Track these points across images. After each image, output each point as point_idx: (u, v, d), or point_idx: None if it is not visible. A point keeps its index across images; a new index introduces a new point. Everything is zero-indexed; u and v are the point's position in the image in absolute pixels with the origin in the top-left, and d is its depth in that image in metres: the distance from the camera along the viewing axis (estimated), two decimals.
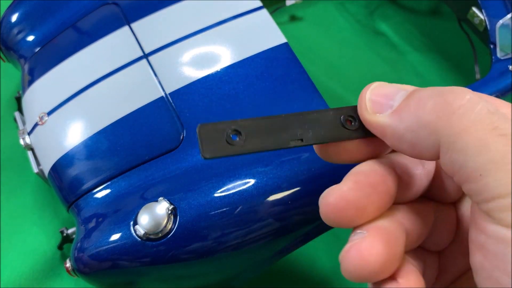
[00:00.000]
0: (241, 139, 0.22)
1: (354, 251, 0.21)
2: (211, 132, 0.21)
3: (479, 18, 0.68)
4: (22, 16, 0.71)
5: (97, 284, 0.54)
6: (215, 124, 0.22)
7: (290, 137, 0.23)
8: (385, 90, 0.24)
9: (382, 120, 0.23)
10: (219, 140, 0.21)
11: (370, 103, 0.24)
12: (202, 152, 0.21)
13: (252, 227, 0.50)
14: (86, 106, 0.60)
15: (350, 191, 0.22)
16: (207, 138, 0.21)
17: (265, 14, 0.64)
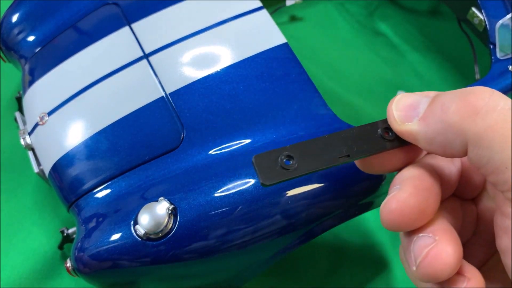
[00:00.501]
0: (294, 162, 0.24)
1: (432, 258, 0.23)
2: (266, 160, 0.23)
3: (479, 18, 0.68)
4: (22, 16, 0.71)
5: (97, 284, 0.54)
6: (269, 153, 0.24)
7: (337, 154, 0.25)
8: (408, 101, 0.25)
9: (412, 128, 0.25)
10: (274, 167, 0.23)
11: (398, 115, 0.25)
12: (261, 180, 0.23)
13: (252, 227, 0.50)
14: (86, 106, 0.60)
15: (411, 197, 0.24)
16: (263, 167, 0.23)
17: (265, 14, 0.65)
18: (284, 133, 0.56)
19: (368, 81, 0.87)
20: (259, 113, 0.58)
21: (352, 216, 0.55)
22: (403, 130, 0.25)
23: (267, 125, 0.57)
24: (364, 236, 0.72)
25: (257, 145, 0.55)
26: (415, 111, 0.25)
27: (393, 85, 0.86)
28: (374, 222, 0.73)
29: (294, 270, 0.69)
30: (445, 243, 0.23)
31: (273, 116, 0.58)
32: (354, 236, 0.72)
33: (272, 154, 0.23)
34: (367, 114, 0.83)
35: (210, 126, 0.57)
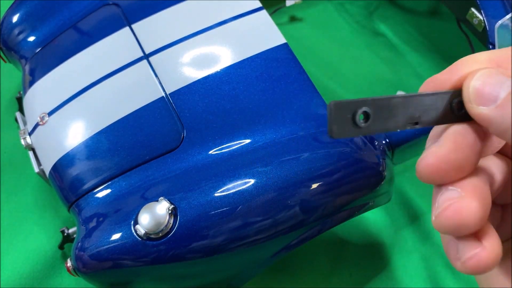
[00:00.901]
0: (367, 120, 0.22)
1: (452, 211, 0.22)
2: (342, 111, 0.22)
3: (478, 19, 0.68)
4: (23, 16, 0.71)
5: (97, 283, 0.54)
6: (347, 104, 0.22)
7: (407, 120, 0.24)
8: (488, 81, 0.23)
9: (486, 113, 0.23)
10: (347, 121, 0.22)
11: (474, 95, 0.23)
12: (330, 133, 0.22)
13: (252, 227, 0.51)
14: (86, 106, 0.60)
15: (450, 153, 0.23)
16: (337, 117, 0.22)
17: (265, 15, 0.65)
18: (284, 133, 0.56)
19: (368, 81, 0.87)
20: (259, 113, 0.58)
21: (352, 216, 0.56)
22: (477, 113, 0.23)
23: (267, 125, 0.57)
24: (364, 236, 0.72)
25: (257, 145, 0.55)
26: (492, 95, 0.22)
27: (393, 85, 0.86)
28: (374, 222, 0.73)
29: (294, 270, 0.70)
30: (470, 200, 0.22)
31: (273, 116, 0.58)
32: (354, 236, 0.72)
33: (350, 105, 0.22)
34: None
35: (210, 126, 0.57)
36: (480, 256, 0.22)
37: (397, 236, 0.73)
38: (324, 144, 0.55)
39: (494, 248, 0.23)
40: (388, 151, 0.59)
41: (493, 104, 0.22)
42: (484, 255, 0.22)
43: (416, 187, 0.76)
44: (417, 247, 0.72)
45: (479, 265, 0.22)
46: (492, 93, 0.22)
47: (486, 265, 0.22)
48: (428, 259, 0.71)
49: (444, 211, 0.22)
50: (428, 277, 0.69)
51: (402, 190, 0.76)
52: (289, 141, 0.55)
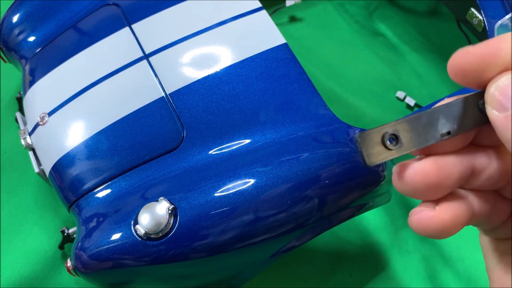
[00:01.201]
0: (397, 141, 0.23)
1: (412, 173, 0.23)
2: (370, 139, 0.22)
3: (478, 19, 0.68)
4: (23, 16, 0.71)
5: (98, 283, 0.54)
6: (373, 131, 0.22)
7: (439, 131, 0.24)
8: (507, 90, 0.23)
9: (496, 118, 0.23)
10: (378, 146, 0.22)
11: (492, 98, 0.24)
12: (366, 161, 0.22)
13: (252, 227, 0.51)
14: (87, 106, 0.61)
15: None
16: (367, 146, 0.22)
17: (265, 15, 0.65)
18: (284, 133, 0.56)
19: (367, 81, 0.87)
20: (258, 113, 0.58)
21: (352, 216, 0.56)
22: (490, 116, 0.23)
23: (267, 125, 0.57)
24: (364, 236, 0.72)
25: (257, 145, 0.56)
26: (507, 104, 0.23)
27: (392, 85, 0.87)
28: (374, 222, 0.73)
29: (294, 270, 0.70)
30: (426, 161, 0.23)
31: (273, 116, 0.58)
32: (354, 236, 0.72)
33: (376, 133, 0.22)
34: (367, 114, 0.83)
35: (210, 126, 0.57)
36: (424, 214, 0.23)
37: (397, 236, 0.73)
38: (324, 144, 0.55)
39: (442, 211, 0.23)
40: None
41: (505, 112, 0.23)
42: (428, 214, 0.23)
43: None
44: (417, 247, 0.72)
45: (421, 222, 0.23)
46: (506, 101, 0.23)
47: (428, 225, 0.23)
48: (428, 259, 0.71)
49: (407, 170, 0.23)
50: (428, 277, 0.69)
51: None
52: (289, 141, 0.55)
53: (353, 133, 0.57)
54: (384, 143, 0.22)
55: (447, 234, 0.24)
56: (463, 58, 0.24)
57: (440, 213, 0.23)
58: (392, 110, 0.83)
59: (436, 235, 0.24)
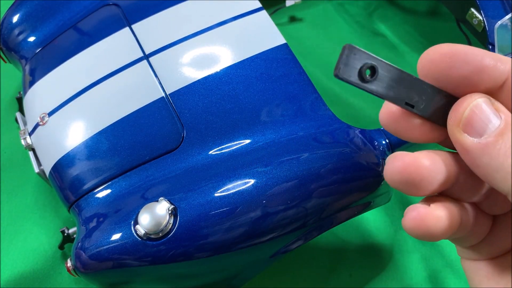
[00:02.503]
0: (372, 77, 0.23)
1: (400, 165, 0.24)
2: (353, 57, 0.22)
3: (478, 19, 0.68)
4: (23, 16, 0.71)
5: (98, 283, 0.54)
6: (361, 53, 0.22)
7: (407, 99, 0.24)
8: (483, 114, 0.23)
9: (468, 144, 0.23)
10: (355, 68, 0.22)
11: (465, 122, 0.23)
12: (336, 71, 0.22)
13: (252, 227, 0.51)
14: (87, 106, 0.61)
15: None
16: (347, 60, 0.22)
17: (265, 15, 0.65)
18: (283, 133, 0.56)
19: None
20: (258, 113, 0.58)
21: (352, 216, 0.56)
22: (459, 139, 0.23)
23: (267, 125, 0.57)
24: (364, 236, 0.72)
25: (257, 145, 0.56)
26: (481, 129, 0.22)
27: None
28: (374, 222, 0.73)
29: (294, 270, 0.70)
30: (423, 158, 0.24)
31: (273, 117, 0.58)
32: (354, 236, 0.72)
33: (362, 56, 0.22)
34: (367, 114, 0.83)
35: (210, 127, 0.57)
36: (419, 211, 0.23)
37: (397, 236, 0.73)
38: (324, 145, 0.55)
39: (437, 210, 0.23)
40: (388, 151, 0.59)
41: (477, 138, 0.22)
42: (423, 211, 0.23)
43: None
44: (417, 247, 0.72)
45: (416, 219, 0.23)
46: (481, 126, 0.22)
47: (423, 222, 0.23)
48: (428, 259, 0.71)
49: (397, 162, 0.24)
50: (428, 277, 0.69)
51: None
52: (289, 141, 0.55)
53: (353, 133, 0.57)
54: (361, 70, 0.22)
55: (440, 233, 0.23)
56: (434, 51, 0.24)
57: (435, 210, 0.23)
58: None
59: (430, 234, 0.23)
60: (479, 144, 0.22)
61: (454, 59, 0.23)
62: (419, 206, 0.24)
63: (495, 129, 0.22)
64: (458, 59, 0.23)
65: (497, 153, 0.21)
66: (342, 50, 0.22)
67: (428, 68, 0.24)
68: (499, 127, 0.22)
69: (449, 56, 0.23)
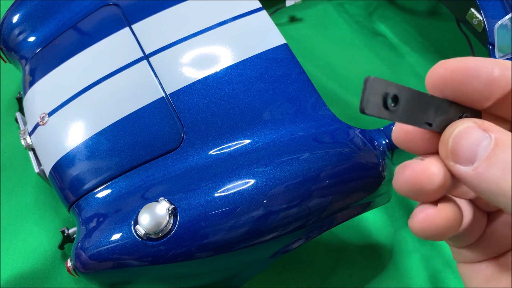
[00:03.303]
0: (396, 106, 0.23)
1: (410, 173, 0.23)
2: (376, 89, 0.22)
3: (478, 19, 0.68)
4: (23, 17, 0.71)
5: (98, 283, 0.54)
6: (382, 83, 0.22)
7: (425, 118, 0.24)
8: (468, 141, 0.22)
9: (463, 173, 0.22)
10: (378, 100, 0.22)
11: (452, 154, 0.23)
12: (362, 105, 0.22)
13: (252, 227, 0.51)
14: (87, 106, 0.61)
15: None
16: (369, 94, 0.22)
17: (265, 15, 0.65)
18: (283, 133, 0.56)
19: None
20: (258, 113, 0.58)
21: (352, 216, 0.56)
22: (453, 170, 0.23)
23: (267, 125, 0.57)
24: (364, 236, 0.72)
25: (256, 145, 0.56)
26: (471, 156, 0.22)
27: None
28: (374, 222, 0.73)
29: (294, 270, 0.70)
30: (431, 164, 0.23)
31: (273, 117, 0.58)
32: (354, 236, 0.72)
33: (383, 86, 0.22)
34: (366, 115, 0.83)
35: (210, 127, 0.57)
36: (428, 212, 0.23)
37: (397, 236, 0.73)
38: (324, 144, 0.55)
39: (445, 209, 0.23)
40: (388, 151, 0.59)
41: (470, 166, 0.22)
42: (432, 212, 0.23)
43: None
44: (417, 247, 0.72)
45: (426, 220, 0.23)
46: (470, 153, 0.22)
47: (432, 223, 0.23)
48: (428, 259, 0.71)
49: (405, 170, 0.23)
50: (428, 277, 0.69)
51: None
52: (289, 142, 0.55)
53: (353, 133, 0.57)
54: (385, 100, 0.22)
55: (448, 232, 0.23)
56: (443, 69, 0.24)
57: (443, 209, 0.23)
58: None
59: (440, 234, 0.23)
60: (472, 173, 0.22)
61: (465, 75, 0.23)
62: (427, 207, 0.23)
63: (485, 152, 0.22)
64: (470, 75, 0.23)
65: (493, 178, 0.21)
66: (364, 84, 0.22)
67: (438, 85, 0.24)
68: (489, 148, 0.21)
69: (460, 72, 0.23)
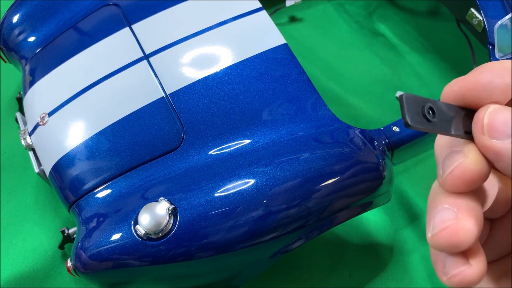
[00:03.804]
0: (433, 117, 0.23)
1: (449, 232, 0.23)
2: (413, 103, 0.23)
3: (478, 19, 0.68)
4: (23, 17, 0.71)
5: (98, 283, 0.54)
6: (416, 98, 0.23)
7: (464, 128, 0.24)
8: (503, 116, 0.23)
9: (499, 147, 0.23)
10: (419, 113, 0.23)
11: (488, 128, 0.23)
12: (407, 120, 0.22)
13: (252, 227, 0.51)
14: (87, 106, 0.61)
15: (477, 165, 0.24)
16: (410, 108, 0.23)
17: (265, 15, 0.65)
18: (283, 133, 0.56)
19: (367, 81, 0.87)
20: (258, 113, 0.58)
21: (352, 216, 0.56)
22: (489, 145, 0.23)
23: (267, 125, 0.57)
24: (364, 236, 0.72)
25: (256, 145, 0.56)
26: (508, 130, 0.22)
27: (392, 86, 0.87)
28: (374, 222, 0.73)
29: (294, 270, 0.70)
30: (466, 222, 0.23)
31: (273, 117, 0.58)
32: (354, 236, 0.72)
33: (419, 100, 0.23)
34: (367, 114, 0.83)
35: (210, 127, 0.57)
36: (465, 273, 0.23)
37: (397, 236, 0.73)
38: (324, 144, 0.55)
39: (479, 267, 0.24)
40: (388, 151, 0.59)
41: (507, 138, 0.22)
42: (469, 273, 0.23)
43: (416, 187, 0.76)
44: (417, 247, 0.72)
45: (464, 281, 0.23)
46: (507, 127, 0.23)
47: (469, 283, 0.23)
48: (428, 259, 0.71)
49: (442, 231, 0.23)
50: (428, 277, 0.69)
51: (402, 190, 0.76)
52: (289, 141, 0.55)
53: (353, 133, 0.57)
54: (423, 112, 0.23)
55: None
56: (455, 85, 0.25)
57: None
58: (392, 110, 0.83)
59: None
60: (510, 146, 0.22)
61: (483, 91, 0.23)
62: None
63: None
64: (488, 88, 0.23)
65: None
66: (400, 101, 0.23)
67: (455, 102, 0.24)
68: None
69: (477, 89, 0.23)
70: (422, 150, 0.67)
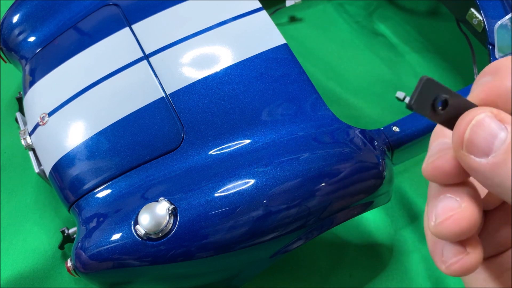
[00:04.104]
0: (443, 109, 0.23)
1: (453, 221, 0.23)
2: (429, 89, 0.23)
3: (478, 19, 0.68)
4: (23, 17, 0.71)
5: (98, 283, 0.54)
6: (437, 86, 0.23)
7: None
8: (485, 132, 0.22)
9: (476, 165, 0.22)
10: (428, 101, 0.23)
11: (467, 144, 0.22)
12: (411, 102, 0.22)
13: (252, 227, 0.51)
14: (87, 106, 0.61)
15: None
16: (422, 92, 0.22)
17: (265, 15, 0.65)
18: (283, 133, 0.56)
19: (367, 81, 0.87)
20: (258, 113, 0.58)
21: (352, 216, 0.56)
22: (466, 161, 0.22)
23: (267, 125, 0.57)
24: (364, 236, 0.72)
25: (256, 145, 0.56)
26: (487, 147, 0.21)
27: (392, 86, 0.87)
28: (374, 222, 0.73)
29: (294, 270, 0.70)
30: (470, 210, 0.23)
31: (273, 117, 0.58)
32: (354, 236, 0.72)
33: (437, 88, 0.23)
34: (367, 114, 0.83)
35: (210, 127, 0.57)
36: (463, 261, 0.24)
37: (397, 236, 0.73)
38: (324, 144, 0.55)
39: (476, 255, 0.24)
40: (388, 151, 0.59)
41: (484, 158, 0.21)
42: (467, 260, 0.24)
43: (416, 187, 0.76)
44: (417, 247, 0.72)
45: (462, 269, 0.24)
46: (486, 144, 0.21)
47: (467, 270, 0.24)
48: (428, 259, 0.71)
49: (446, 221, 0.23)
50: (428, 277, 0.69)
51: (402, 190, 0.76)
52: (289, 141, 0.55)
53: (353, 133, 0.57)
54: (434, 102, 0.23)
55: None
56: None
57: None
58: (392, 110, 0.83)
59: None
60: (487, 165, 0.21)
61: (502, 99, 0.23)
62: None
63: (502, 145, 0.21)
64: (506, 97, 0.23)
65: (508, 172, 0.20)
66: (419, 82, 0.22)
67: None
68: (506, 141, 0.21)
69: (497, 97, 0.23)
70: (422, 150, 0.67)
